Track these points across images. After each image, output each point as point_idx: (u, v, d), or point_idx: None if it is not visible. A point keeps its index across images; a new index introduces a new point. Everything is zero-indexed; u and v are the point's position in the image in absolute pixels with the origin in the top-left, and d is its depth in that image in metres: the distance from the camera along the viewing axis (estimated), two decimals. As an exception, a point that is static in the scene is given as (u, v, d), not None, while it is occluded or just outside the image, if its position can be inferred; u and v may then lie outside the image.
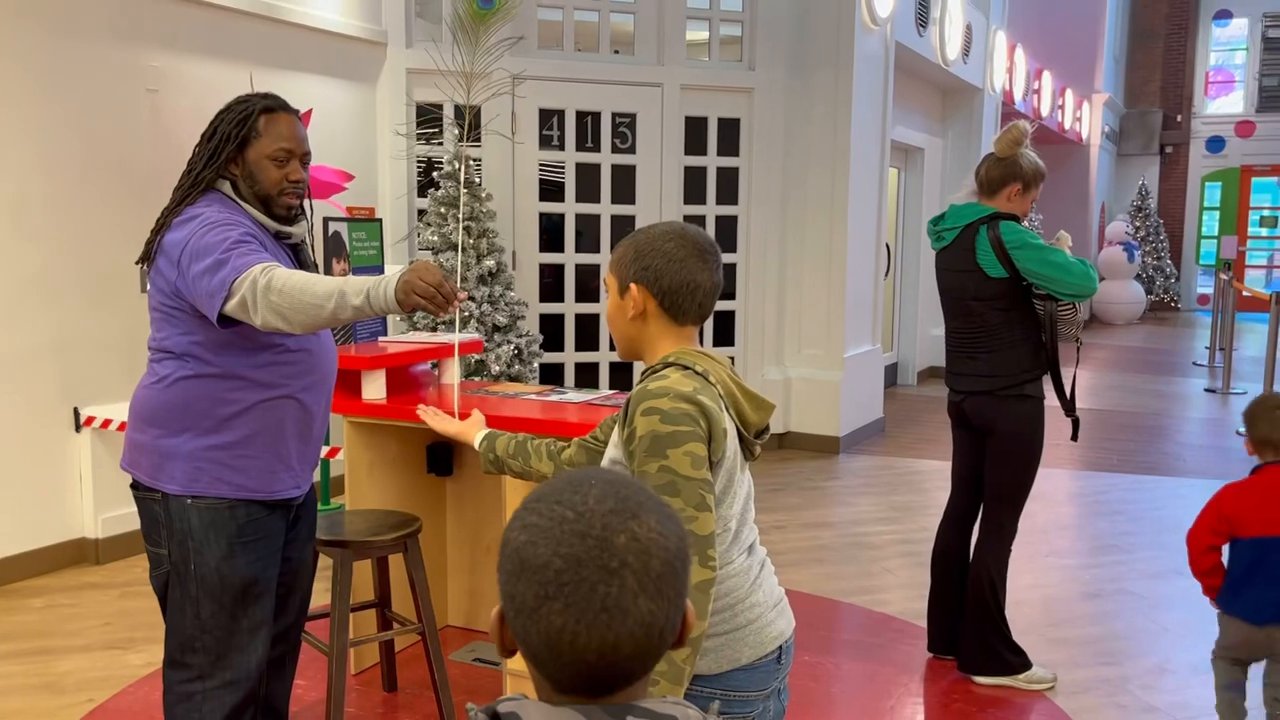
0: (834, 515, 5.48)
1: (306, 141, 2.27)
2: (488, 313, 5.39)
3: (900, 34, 7.58)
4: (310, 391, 2.28)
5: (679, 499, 1.55)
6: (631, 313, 1.70)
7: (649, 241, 1.69)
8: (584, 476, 0.93)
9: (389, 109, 5.98)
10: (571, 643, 0.85)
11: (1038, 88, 12.70)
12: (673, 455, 1.55)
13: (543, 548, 0.86)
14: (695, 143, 6.68)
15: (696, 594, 1.53)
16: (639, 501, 0.90)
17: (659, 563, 0.88)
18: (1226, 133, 18.73)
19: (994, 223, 3.29)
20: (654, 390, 1.59)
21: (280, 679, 2.46)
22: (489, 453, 2.10)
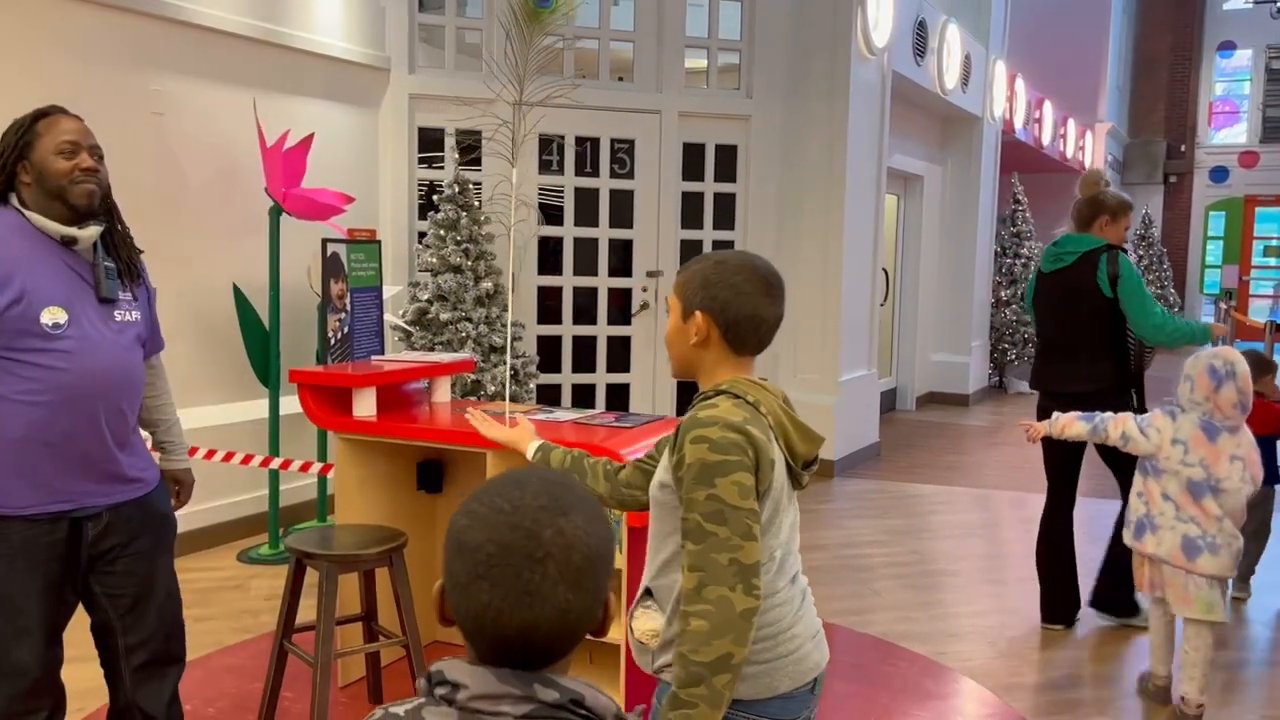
0: (826, 537, 5.51)
1: (93, 136, 2.29)
2: (484, 334, 5.47)
3: (897, 63, 7.68)
4: (61, 404, 2.21)
5: (725, 527, 1.56)
6: (694, 340, 1.72)
7: (719, 272, 1.71)
8: (526, 475, 1.05)
9: (392, 133, 6.09)
10: (495, 619, 0.97)
11: (1038, 117, 12.79)
12: (720, 484, 1.57)
13: (478, 533, 0.99)
14: (693, 169, 6.78)
15: (740, 621, 1.55)
16: (570, 502, 1.02)
17: (580, 557, 0.99)
18: (1230, 163, 18.81)
19: (1114, 253, 4.01)
20: (704, 419, 1.61)
21: (149, 684, 2.44)
22: (542, 464, 2.09)
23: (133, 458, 2.39)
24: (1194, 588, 3.30)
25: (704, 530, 1.57)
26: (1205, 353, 3.40)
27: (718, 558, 1.56)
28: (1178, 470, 3.33)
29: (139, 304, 2.40)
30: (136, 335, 2.38)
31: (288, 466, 4.72)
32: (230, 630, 4.02)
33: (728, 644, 1.54)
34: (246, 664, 3.69)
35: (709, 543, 1.56)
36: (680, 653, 1.56)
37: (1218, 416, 3.30)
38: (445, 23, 6.29)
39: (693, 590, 1.57)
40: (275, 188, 4.77)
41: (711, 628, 1.54)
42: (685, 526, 1.60)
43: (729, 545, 1.56)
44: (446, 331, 5.42)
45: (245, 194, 5.19)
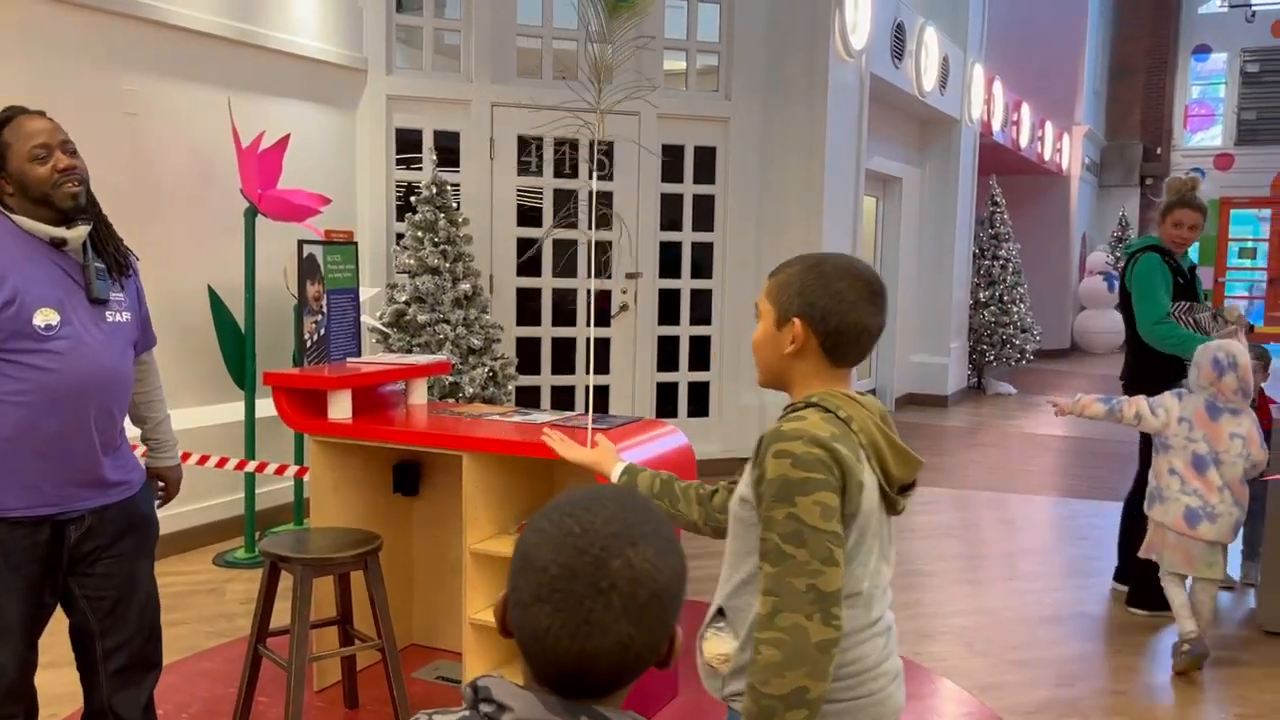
0: (804, 539, 5.52)
1: (61, 130, 2.27)
2: (463, 335, 5.45)
3: (876, 66, 7.71)
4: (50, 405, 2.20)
5: (804, 549, 1.45)
6: (789, 349, 1.61)
7: (819, 277, 1.59)
8: (601, 495, 1.00)
9: (369, 134, 6.07)
10: (554, 645, 0.94)
11: (1016, 119, 12.88)
12: (801, 503, 1.46)
13: (546, 552, 0.95)
14: (672, 170, 6.78)
15: (815, 653, 1.44)
16: (643, 532, 0.97)
17: (647, 592, 0.95)
18: (1206, 165, 18.97)
19: (1139, 255, 4.30)
20: (788, 432, 1.50)
21: (126, 689, 2.43)
22: (629, 486, 1.96)
23: (118, 460, 2.38)
24: (1196, 550, 3.75)
25: (782, 552, 1.46)
26: (1212, 344, 3.80)
27: (795, 582, 1.45)
28: (1184, 446, 3.77)
29: (129, 302, 2.40)
30: (128, 335, 2.38)
31: (263, 469, 4.69)
32: (205, 634, 3.99)
33: (801, 677, 1.43)
34: (221, 669, 3.67)
35: (786, 565, 1.45)
36: (750, 683, 1.46)
37: (1220, 399, 3.74)
38: (423, 24, 6.27)
39: (766, 616, 1.46)
40: (251, 189, 4.74)
41: (784, 658, 1.43)
42: (763, 547, 1.49)
43: (807, 570, 1.44)
44: (424, 333, 5.40)
45: (220, 195, 5.16)
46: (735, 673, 1.60)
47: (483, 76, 6.23)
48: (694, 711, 3.44)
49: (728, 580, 1.64)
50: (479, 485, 3.21)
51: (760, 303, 1.66)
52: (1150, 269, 4.24)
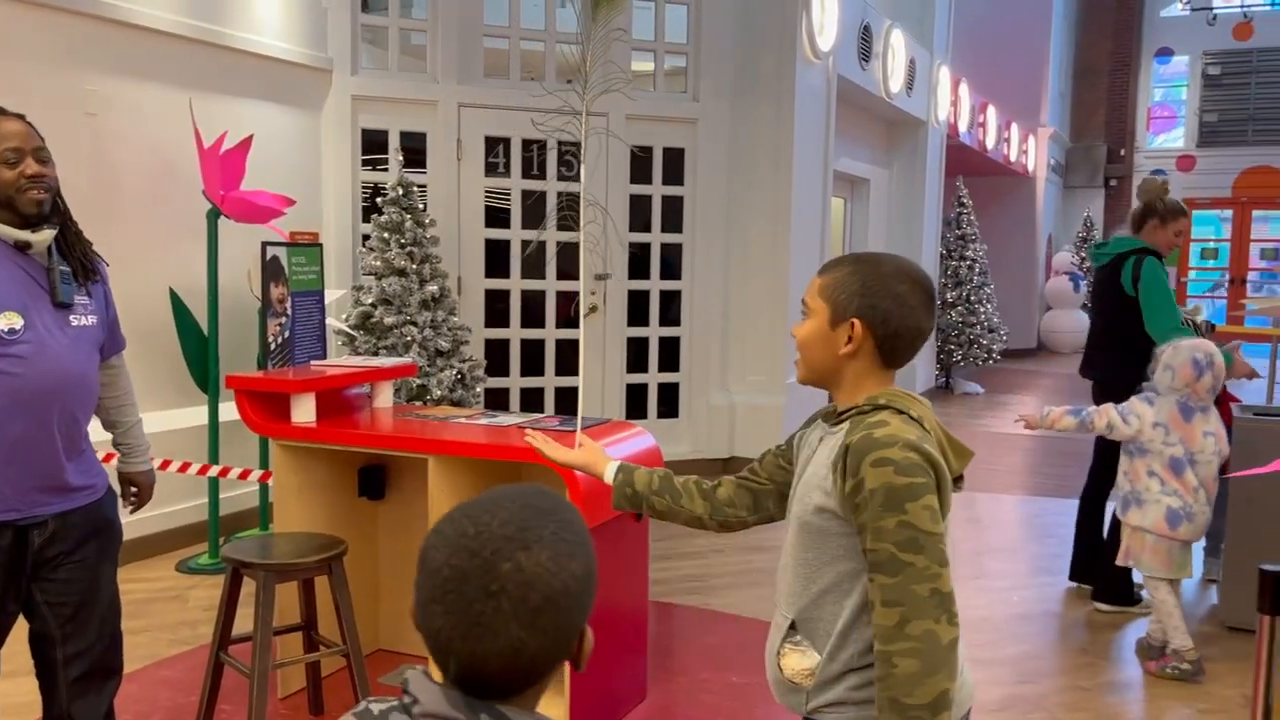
0: (771, 539, 5.53)
1: (37, 136, 2.26)
2: (430, 338, 5.42)
3: (843, 67, 7.75)
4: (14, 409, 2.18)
5: (923, 555, 1.45)
6: (845, 349, 1.59)
7: (880, 279, 1.58)
8: (505, 496, 1.00)
9: (334, 135, 6.01)
10: (447, 644, 0.95)
11: (983, 121, 12.99)
12: (912, 509, 1.46)
13: (440, 554, 0.96)
14: (640, 171, 6.77)
15: (949, 654, 1.45)
16: (539, 535, 0.97)
17: (539, 597, 0.95)
18: (1168, 166, 19.20)
19: (1143, 256, 4.38)
20: (882, 439, 1.48)
21: (86, 696, 2.40)
22: (625, 487, 1.93)
23: (82, 465, 2.35)
24: (1175, 552, 3.76)
25: (899, 561, 1.45)
26: (1185, 344, 3.81)
27: (918, 589, 1.45)
28: (1161, 450, 3.78)
29: (95, 305, 2.37)
30: (93, 339, 2.35)
31: (226, 474, 4.63)
32: (167, 642, 3.94)
33: (942, 679, 1.44)
34: (183, 677, 3.62)
35: (907, 574, 1.45)
36: (892, 698, 1.44)
37: (1194, 399, 3.76)
38: (389, 24, 6.23)
39: (894, 627, 1.45)
40: (213, 190, 4.68)
41: (924, 666, 1.43)
42: (875, 558, 1.48)
43: (928, 575, 1.45)
44: (391, 336, 5.36)
45: (182, 197, 5.09)
46: (822, 685, 1.59)
47: (449, 77, 6.20)
48: (663, 714, 3.43)
49: (802, 592, 1.62)
50: (445, 488, 3.19)
51: (810, 300, 1.64)
52: (1160, 274, 4.36)
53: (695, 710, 3.47)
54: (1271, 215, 18.66)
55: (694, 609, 4.47)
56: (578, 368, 7.25)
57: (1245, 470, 3.41)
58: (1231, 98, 19.02)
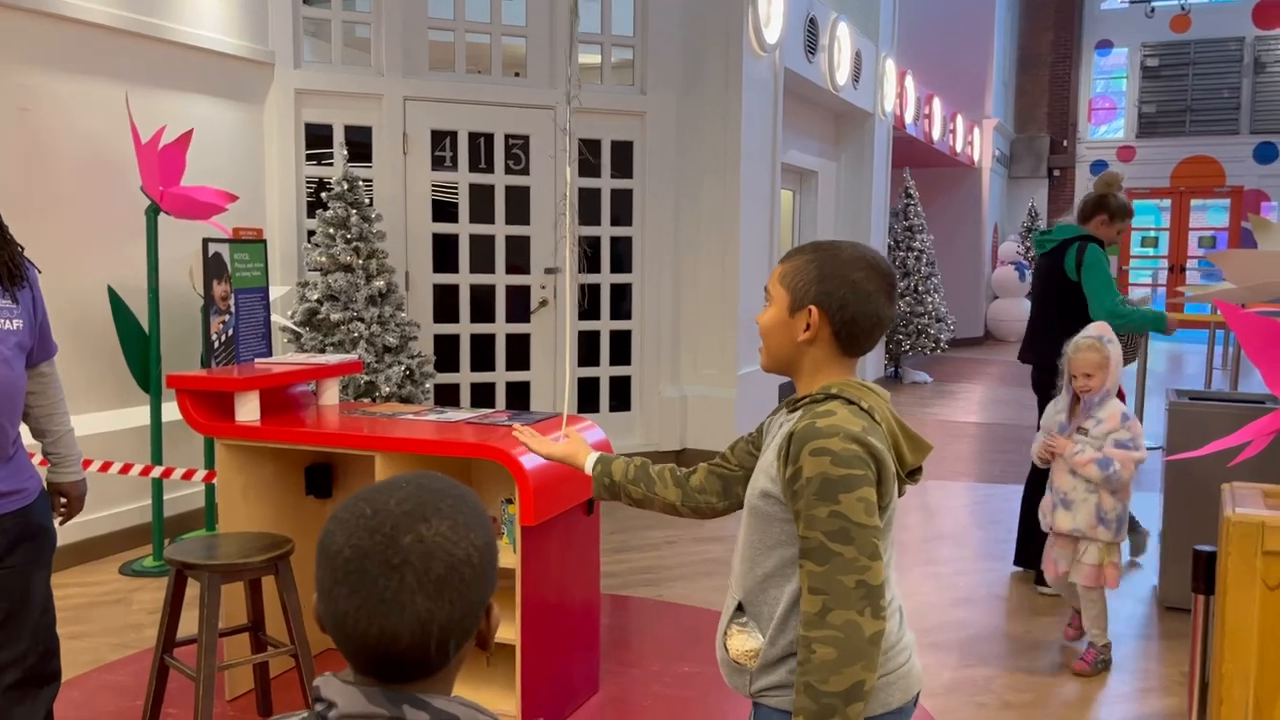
0: (725, 530, 5.57)
1: None
2: (377, 334, 5.37)
3: (789, 60, 7.79)
4: None
5: (851, 547, 1.47)
6: (803, 336, 1.61)
7: (836, 266, 1.59)
8: (399, 479, 1.01)
9: (277, 129, 5.93)
10: (354, 627, 0.95)
11: (928, 113, 13.13)
12: (845, 500, 1.47)
13: (339, 537, 0.96)
14: (589, 164, 6.76)
15: (869, 647, 1.47)
16: (438, 508, 0.98)
17: (441, 566, 0.96)
18: (1109, 157, 19.58)
19: (1085, 243, 4.48)
20: (824, 429, 1.50)
21: (21, 704, 2.35)
22: (604, 477, 1.95)
23: (9, 470, 2.29)
24: (1105, 554, 3.64)
25: (828, 550, 1.47)
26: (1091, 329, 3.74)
27: (844, 580, 1.47)
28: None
29: (21, 309, 2.30)
30: (18, 344, 2.28)
31: (169, 475, 4.56)
32: (110, 647, 3.87)
33: (859, 670, 1.46)
34: (127, 681, 3.56)
35: (834, 564, 1.47)
36: (806, 683, 1.47)
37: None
38: (332, 16, 6.15)
39: (816, 615, 1.48)
40: (151, 186, 4.60)
41: (840, 655, 1.46)
42: (805, 545, 1.50)
43: (855, 566, 1.46)
44: (338, 332, 5.31)
45: (120, 193, 4.99)
46: (765, 667, 1.60)
47: (394, 70, 6.14)
48: (615, 705, 3.44)
49: (748, 575, 1.64)
50: (392, 485, 3.16)
51: (771, 287, 1.66)
52: (1102, 259, 4.49)
53: (648, 701, 3.48)
54: (1210, 204, 19.11)
55: (648, 601, 4.49)
56: (529, 362, 7.25)
57: (1181, 454, 3.50)
58: (1170, 89, 19.43)
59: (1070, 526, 3.67)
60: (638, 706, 3.45)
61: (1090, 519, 3.63)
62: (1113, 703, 3.54)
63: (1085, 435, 3.66)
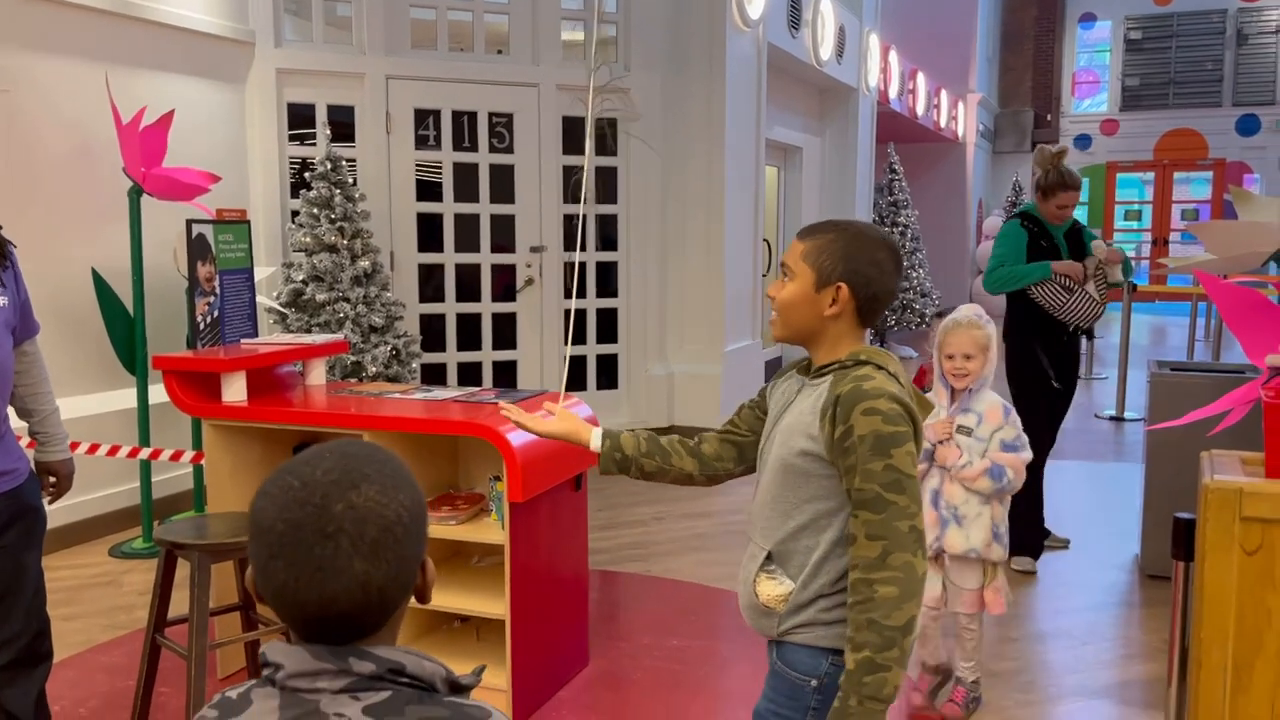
0: (713, 505, 5.60)
1: None
2: (363, 314, 5.37)
3: (773, 35, 7.77)
4: None
5: (905, 496, 1.62)
6: (830, 311, 1.72)
7: (861, 246, 1.71)
8: (323, 450, 1.04)
9: (259, 109, 5.89)
10: (294, 597, 0.98)
11: (912, 88, 13.12)
12: (896, 454, 1.62)
13: (270, 512, 0.99)
14: (574, 142, 6.74)
15: (920, 585, 1.62)
16: (365, 473, 1.01)
17: (376, 529, 0.99)
18: (1093, 131, 19.64)
19: (1010, 221, 4.54)
20: (870, 391, 1.63)
21: (15, 684, 2.38)
22: (615, 452, 1.96)
23: (2, 451, 2.30)
24: (990, 574, 3.11)
25: (885, 500, 1.61)
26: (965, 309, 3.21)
27: (900, 525, 1.61)
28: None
29: (6, 289, 2.31)
30: (4, 322, 2.29)
31: (157, 456, 4.56)
32: (102, 628, 3.89)
33: (913, 606, 1.61)
34: (120, 662, 3.58)
35: (890, 511, 1.61)
36: (870, 619, 1.60)
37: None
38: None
39: (877, 559, 1.61)
40: (134, 168, 4.57)
41: (901, 593, 1.59)
42: (861, 496, 1.63)
43: (908, 513, 1.61)
44: (324, 313, 5.30)
45: (103, 175, 4.96)
46: (793, 610, 1.74)
47: (376, 49, 6.10)
48: (605, 679, 3.48)
49: (779, 526, 1.76)
50: (381, 464, 3.17)
51: (793, 263, 1.75)
52: (1012, 234, 4.49)
53: (638, 674, 3.52)
54: (1192, 177, 19.19)
55: (637, 576, 4.52)
56: (515, 341, 7.26)
57: (1162, 424, 3.53)
58: (1152, 62, 19.47)
59: (965, 547, 3.03)
60: (628, 679, 3.49)
61: (986, 536, 3.03)
62: (1095, 670, 3.59)
63: (968, 436, 3.04)
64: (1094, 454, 7.04)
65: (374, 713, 0.97)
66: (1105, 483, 6.27)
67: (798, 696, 1.75)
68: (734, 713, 3.26)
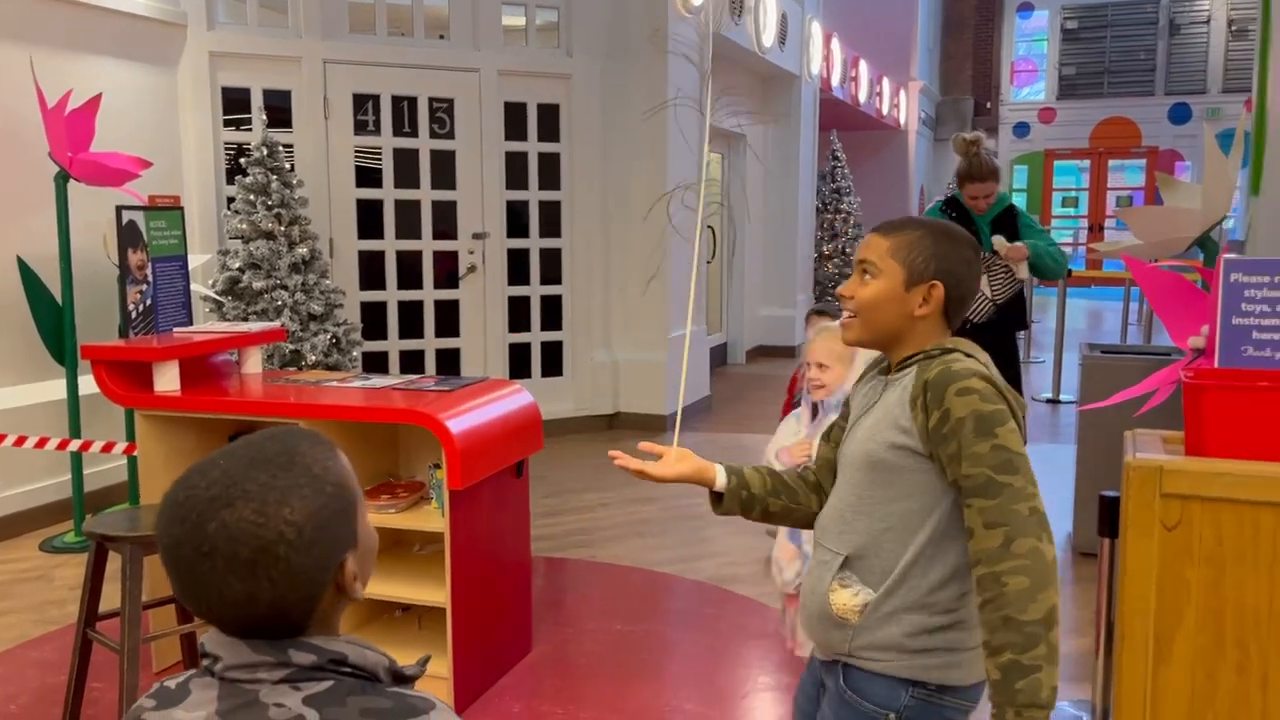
0: (657, 490, 5.62)
1: None
2: (302, 301, 5.30)
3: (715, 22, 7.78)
4: None
5: (1019, 476, 1.50)
6: (921, 310, 1.63)
7: (952, 245, 1.64)
8: (226, 453, 1.01)
9: (192, 93, 5.77)
10: (193, 606, 0.99)
11: (855, 75, 13.23)
12: (1001, 433, 1.51)
13: (161, 522, 0.99)
14: (515, 128, 6.70)
15: (1053, 571, 1.48)
16: (245, 489, 0.96)
17: (249, 550, 0.95)
18: (1031, 119, 19.97)
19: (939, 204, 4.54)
20: (960, 372, 1.54)
21: None
22: (741, 490, 1.80)
23: None
24: None
25: (997, 483, 1.49)
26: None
27: (1019, 508, 1.48)
28: None
29: None
30: None
31: (88, 448, 4.46)
32: (33, 623, 3.80)
33: (1051, 595, 1.46)
34: (51, 657, 3.50)
35: (1006, 495, 1.48)
36: (1005, 616, 1.45)
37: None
38: (246, -24, 5.99)
39: (999, 548, 1.47)
40: (60, 152, 4.46)
41: (1033, 582, 1.45)
42: (970, 483, 1.51)
43: (1025, 494, 1.49)
44: (261, 300, 5.22)
45: (28, 160, 4.82)
46: (870, 624, 1.59)
47: (312, 32, 6.00)
48: (548, 664, 3.48)
49: (860, 529, 1.63)
50: (318, 453, 3.14)
51: (879, 260, 1.64)
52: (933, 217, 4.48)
53: (582, 659, 3.53)
54: (1127, 164, 19.60)
55: (582, 562, 4.53)
56: (458, 329, 7.23)
57: (1091, 404, 3.62)
58: (1088, 51, 19.83)
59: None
60: (572, 664, 3.50)
61: None
62: (1028, 645, 3.67)
63: None
64: (1031, 436, 7.18)
65: (314, 703, 0.96)
66: (1041, 464, 6.34)
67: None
68: (680, 695, 3.29)
